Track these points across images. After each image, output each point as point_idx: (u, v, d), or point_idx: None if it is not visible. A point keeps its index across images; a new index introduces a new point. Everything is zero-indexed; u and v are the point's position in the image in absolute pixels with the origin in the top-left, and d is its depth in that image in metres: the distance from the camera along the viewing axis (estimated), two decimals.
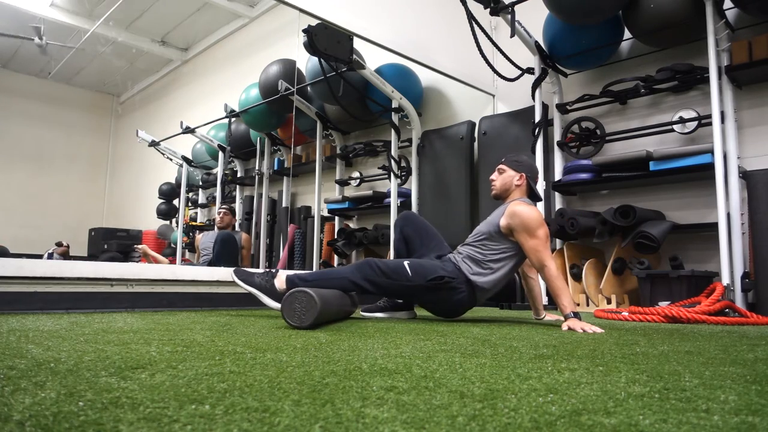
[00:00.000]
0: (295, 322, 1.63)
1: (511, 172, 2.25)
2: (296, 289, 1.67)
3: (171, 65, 9.28)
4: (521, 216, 2.07)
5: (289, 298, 1.65)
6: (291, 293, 1.66)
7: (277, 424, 0.54)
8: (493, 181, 2.29)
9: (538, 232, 2.05)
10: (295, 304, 1.63)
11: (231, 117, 6.31)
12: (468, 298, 2.15)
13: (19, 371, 0.80)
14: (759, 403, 0.69)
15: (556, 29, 3.64)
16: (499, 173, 2.28)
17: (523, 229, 2.06)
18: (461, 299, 2.14)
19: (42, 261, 2.14)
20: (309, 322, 1.61)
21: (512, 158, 2.29)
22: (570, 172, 3.59)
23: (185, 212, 7.51)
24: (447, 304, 2.19)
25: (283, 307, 1.65)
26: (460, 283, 2.13)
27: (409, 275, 2.09)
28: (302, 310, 1.63)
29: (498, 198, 2.29)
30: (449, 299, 2.14)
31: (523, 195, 2.24)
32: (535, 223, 2.05)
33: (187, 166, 7.42)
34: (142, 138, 7.52)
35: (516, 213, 2.09)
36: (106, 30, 7.81)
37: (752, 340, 1.58)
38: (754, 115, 3.18)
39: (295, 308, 1.63)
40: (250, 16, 7.45)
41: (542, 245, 2.04)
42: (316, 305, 1.61)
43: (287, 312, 1.64)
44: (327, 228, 5.45)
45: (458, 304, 2.17)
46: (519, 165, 2.26)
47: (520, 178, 2.23)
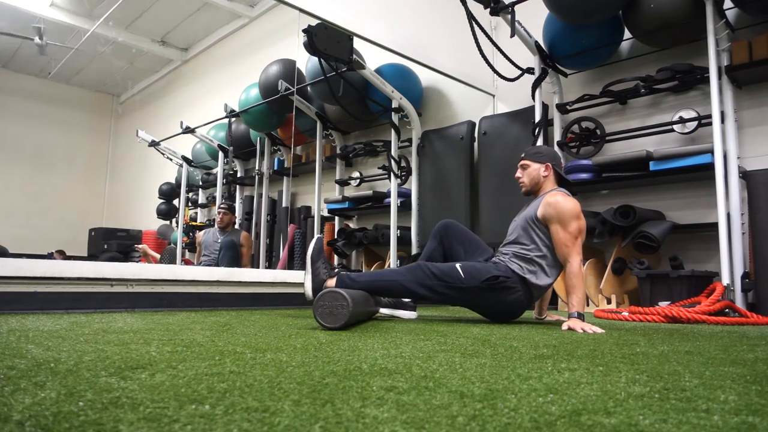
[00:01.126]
0: (327, 323, 1.61)
1: (536, 165, 2.21)
2: (329, 290, 1.64)
3: (171, 65, 9.28)
4: (557, 206, 2.04)
5: (321, 299, 1.62)
6: (323, 294, 1.63)
7: (277, 424, 0.54)
8: (520, 179, 2.25)
9: (570, 225, 2.02)
10: (327, 303, 1.61)
11: (231, 117, 6.31)
12: (525, 297, 2.10)
13: (19, 371, 0.80)
14: (759, 403, 0.69)
15: (556, 29, 3.64)
16: (523, 169, 2.24)
17: (558, 219, 2.03)
18: (518, 299, 2.09)
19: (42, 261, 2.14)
20: (340, 324, 1.60)
21: (532, 151, 2.26)
22: (570, 172, 3.58)
23: (185, 212, 7.50)
24: (504, 306, 2.12)
25: (315, 308, 1.63)
26: (515, 282, 2.08)
27: (462, 277, 2.05)
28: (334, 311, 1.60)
29: (529, 194, 2.25)
30: (506, 300, 2.09)
31: (555, 184, 2.21)
32: (570, 215, 2.02)
33: (187, 166, 7.42)
34: (142, 138, 7.52)
35: (553, 203, 2.06)
36: (106, 30, 7.81)
37: (752, 340, 1.58)
38: (754, 115, 3.18)
39: (327, 309, 1.61)
40: (250, 16, 7.45)
41: (571, 240, 2.01)
42: (348, 308, 1.59)
43: (319, 313, 1.62)
44: (327, 228, 5.45)
45: (516, 305, 2.11)
46: (541, 156, 2.22)
47: (546, 169, 2.21)
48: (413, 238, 4.47)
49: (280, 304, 2.84)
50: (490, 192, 4.03)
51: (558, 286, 3.25)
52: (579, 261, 2.01)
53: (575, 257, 2.00)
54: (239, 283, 2.73)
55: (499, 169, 3.95)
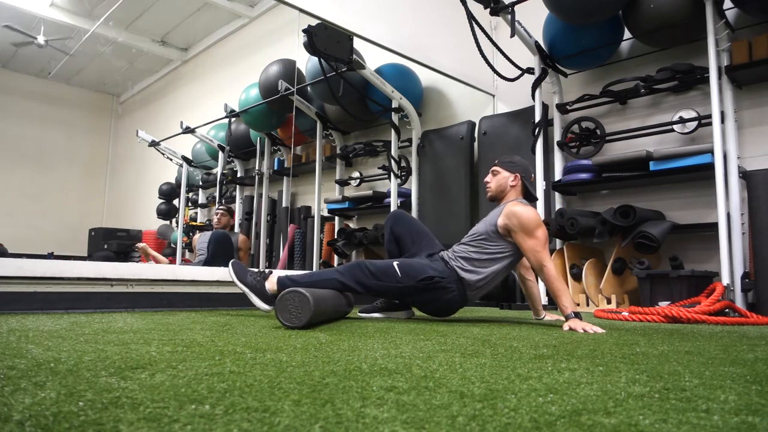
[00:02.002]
0: (289, 322, 1.63)
1: (506, 173, 2.24)
2: (290, 289, 1.67)
3: (171, 65, 9.28)
4: (519, 216, 2.07)
5: (282, 299, 1.65)
6: (284, 293, 1.66)
7: (277, 424, 0.54)
8: (488, 183, 2.28)
9: (536, 232, 2.05)
10: (288, 304, 1.64)
11: (231, 117, 6.31)
12: (459, 296, 2.15)
13: (19, 371, 0.80)
14: (759, 403, 0.69)
15: (556, 29, 3.64)
16: (493, 175, 2.28)
17: (521, 229, 2.06)
18: (452, 298, 2.14)
19: (42, 261, 2.14)
20: (303, 322, 1.61)
21: (506, 159, 2.29)
22: (570, 172, 3.58)
23: (185, 212, 7.50)
24: (438, 304, 2.19)
25: (277, 307, 1.65)
26: (451, 282, 2.12)
27: (399, 276, 2.09)
28: (296, 309, 1.62)
29: (493, 200, 2.29)
30: (440, 299, 2.14)
31: (519, 195, 2.24)
32: (533, 224, 2.05)
33: (187, 166, 7.42)
34: (142, 138, 7.52)
35: (514, 213, 2.09)
36: (106, 30, 7.81)
37: (752, 340, 1.58)
38: (754, 115, 3.18)
39: (289, 308, 1.63)
40: (250, 16, 7.45)
41: (540, 246, 2.04)
42: (309, 305, 1.61)
43: (281, 312, 1.64)
44: (327, 228, 5.45)
45: (450, 303, 2.17)
46: (513, 165, 2.25)
47: (515, 179, 2.23)
48: None
49: None
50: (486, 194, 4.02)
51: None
52: (552, 265, 2.04)
53: (548, 261, 2.03)
54: None
55: None
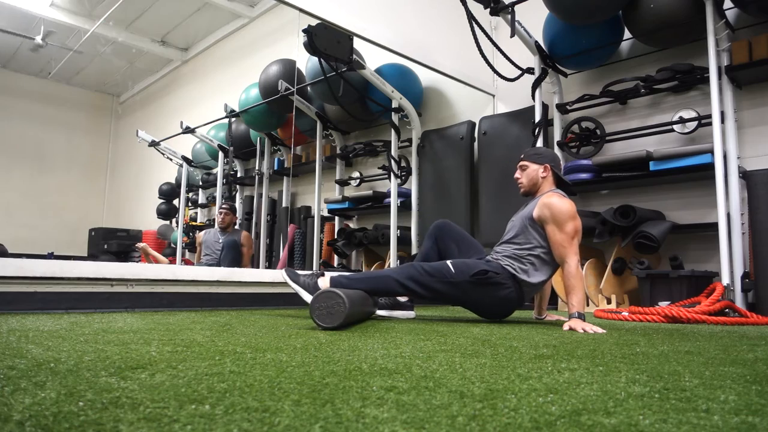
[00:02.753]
0: (323, 323, 1.61)
1: (535, 166, 2.22)
2: (325, 290, 1.65)
3: (171, 65, 9.28)
4: (552, 208, 2.06)
5: (318, 299, 1.62)
6: (320, 294, 1.63)
7: (277, 424, 0.54)
8: (519, 179, 2.26)
9: (566, 226, 2.03)
10: (323, 304, 1.61)
11: (231, 117, 6.31)
12: (516, 294, 2.12)
13: (19, 371, 0.80)
14: (759, 403, 0.69)
15: (556, 29, 3.64)
16: (522, 170, 2.26)
17: (553, 221, 2.05)
18: (508, 295, 2.11)
19: (42, 261, 2.14)
20: (337, 323, 1.59)
21: (531, 152, 2.27)
22: (570, 172, 3.58)
23: (185, 212, 7.51)
24: (494, 301, 2.14)
25: (311, 308, 1.63)
26: (506, 278, 2.10)
27: (452, 272, 2.08)
28: (331, 310, 1.60)
29: (527, 195, 2.27)
30: (496, 295, 2.11)
31: (553, 185, 2.23)
32: (565, 216, 2.03)
33: (187, 166, 7.42)
34: (142, 138, 7.52)
35: (548, 204, 2.07)
36: (106, 30, 7.81)
37: (752, 340, 1.58)
38: (754, 115, 3.18)
39: (324, 309, 1.61)
40: (250, 16, 7.45)
41: (568, 241, 2.02)
42: (345, 306, 1.59)
43: (316, 313, 1.62)
44: (327, 228, 5.45)
45: (506, 301, 2.13)
46: (540, 157, 2.24)
47: (545, 170, 2.22)
48: (413, 238, 4.47)
49: (280, 304, 2.84)
50: (490, 192, 4.03)
51: (558, 286, 3.25)
52: (576, 261, 2.02)
53: (572, 258, 2.01)
54: (239, 283, 2.73)
55: (499, 169, 3.95)
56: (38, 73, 9.56)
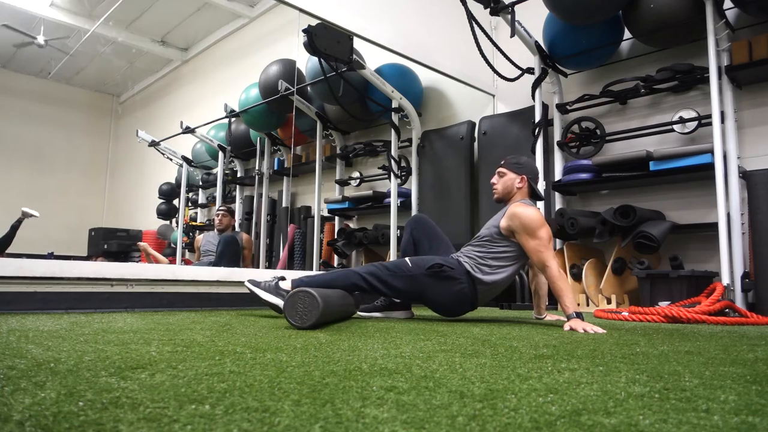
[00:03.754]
0: (297, 322, 1.62)
1: (512, 175, 2.24)
2: (298, 289, 1.66)
3: (171, 65, 9.28)
4: (521, 217, 2.07)
5: (291, 298, 1.64)
6: (293, 293, 1.65)
7: (277, 424, 0.54)
8: (495, 185, 2.28)
9: (539, 232, 2.05)
10: (297, 304, 1.63)
11: (231, 117, 6.31)
12: (469, 290, 2.14)
13: (19, 371, 0.80)
14: (759, 403, 0.69)
15: (556, 29, 3.64)
16: (499, 176, 2.27)
17: (524, 230, 2.07)
18: (462, 290, 2.13)
19: (42, 261, 2.14)
20: (311, 322, 1.61)
21: (512, 160, 2.28)
22: (570, 172, 3.58)
23: (185, 212, 7.50)
24: (448, 296, 2.15)
25: (285, 307, 1.64)
26: (460, 274, 2.13)
27: (409, 266, 2.13)
28: (305, 309, 1.62)
29: (500, 201, 2.29)
30: (450, 290, 2.13)
31: (525, 197, 2.24)
32: (535, 224, 2.06)
33: (187, 166, 7.42)
34: (142, 138, 7.52)
35: (516, 214, 2.09)
36: (106, 30, 7.81)
37: (752, 340, 1.58)
38: (754, 115, 3.18)
39: (297, 308, 1.62)
40: (250, 16, 7.45)
41: (543, 246, 2.04)
42: (318, 305, 1.60)
43: (290, 312, 1.63)
44: (327, 228, 5.45)
45: (459, 296, 2.14)
46: (520, 167, 2.25)
47: (521, 181, 2.23)
48: None
49: None
50: (490, 192, 4.00)
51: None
52: (556, 264, 2.04)
53: (552, 261, 2.03)
54: (239, 283, 2.72)
55: None
56: (38, 73, 9.55)
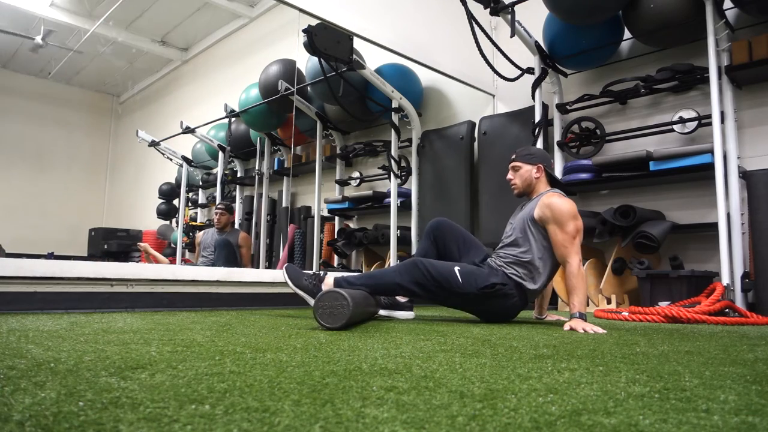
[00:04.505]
0: (327, 324, 1.61)
1: (528, 167, 2.21)
2: (329, 290, 1.65)
3: (171, 65, 9.28)
4: (554, 208, 2.05)
5: (322, 300, 1.63)
6: (323, 294, 1.64)
7: (277, 424, 0.54)
8: (512, 180, 2.24)
9: (568, 225, 2.03)
10: (327, 305, 1.61)
11: (231, 117, 6.31)
12: (521, 301, 2.13)
13: (19, 371, 0.80)
14: (759, 403, 0.69)
15: (556, 29, 3.64)
16: (514, 171, 2.24)
17: (554, 221, 2.04)
18: (514, 304, 2.12)
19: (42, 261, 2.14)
20: (341, 324, 1.60)
21: (524, 152, 2.25)
22: (570, 172, 3.58)
23: (185, 212, 7.51)
24: (500, 310, 2.15)
25: (315, 309, 1.64)
26: (512, 288, 2.10)
27: (460, 283, 2.05)
28: (336, 311, 1.61)
29: (521, 196, 2.25)
30: (502, 305, 2.12)
31: (547, 185, 2.22)
32: (567, 216, 2.03)
33: (187, 166, 7.42)
34: (142, 138, 7.52)
35: (549, 204, 2.07)
36: (106, 30, 7.81)
37: (752, 340, 1.58)
38: (754, 115, 3.18)
39: (328, 310, 1.61)
40: (250, 16, 7.44)
41: (569, 240, 2.02)
42: (349, 307, 1.59)
43: (320, 313, 1.62)
44: (327, 228, 5.45)
45: (512, 309, 2.15)
46: (533, 157, 2.22)
47: (538, 170, 2.21)
48: (413, 238, 4.47)
49: (280, 304, 2.84)
50: (490, 192, 4.03)
51: (558, 286, 3.25)
52: (578, 261, 2.01)
53: (574, 257, 2.01)
54: (239, 283, 2.73)
55: (499, 169, 3.94)
56: (38, 73, 9.55)
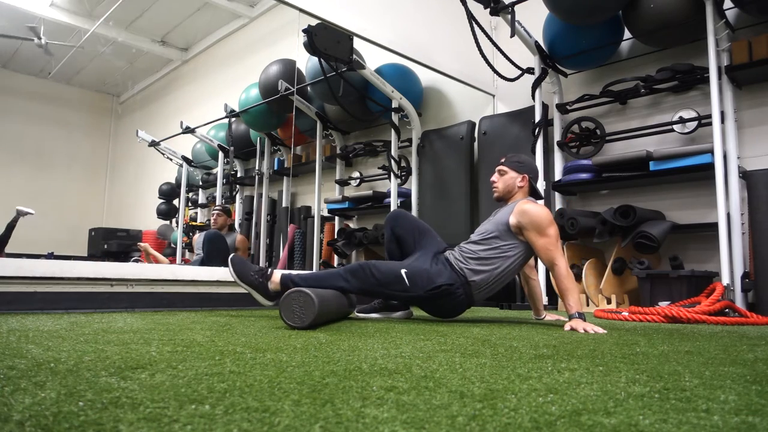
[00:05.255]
0: (293, 322, 1.63)
1: (513, 174, 2.22)
2: (295, 289, 1.67)
3: (171, 65, 9.28)
4: (530, 214, 2.06)
5: (287, 299, 1.65)
6: (289, 293, 1.65)
7: (277, 424, 0.54)
8: (495, 183, 2.25)
9: (548, 230, 2.04)
10: (293, 304, 1.63)
11: (231, 117, 6.31)
12: (466, 299, 2.14)
13: (19, 371, 0.80)
14: (759, 403, 0.69)
15: (556, 29, 3.64)
16: (500, 174, 2.25)
17: (533, 227, 2.05)
18: (460, 302, 2.14)
19: (42, 261, 2.14)
20: (308, 322, 1.61)
21: (513, 159, 2.26)
22: (570, 172, 3.58)
23: (185, 212, 7.51)
24: (445, 308, 2.20)
25: (281, 308, 1.65)
26: (458, 287, 2.10)
27: (407, 285, 2.05)
28: (301, 310, 1.62)
29: (500, 200, 2.26)
30: (447, 304, 2.15)
31: (526, 196, 2.22)
32: (545, 222, 2.04)
33: (187, 166, 7.42)
34: (142, 138, 7.53)
35: (525, 211, 2.07)
36: (106, 30, 7.81)
37: (752, 340, 1.58)
38: (754, 115, 3.18)
39: (293, 308, 1.63)
40: (250, 16, 7.44)
41: (553, 243, 2.03)
42: (314, 306, 1.61)
43: (285, 312, 1.64)
44: (327, 228, 5.45)
45: (457, 307, 2.18)
46: (521, 166, 2.23)
47: (523, 180, 2.21)
48: None
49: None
50: (490, 192, 4.01)
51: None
52: (565, 262, 2.03)
53: (560, 259, 2.02)
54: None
55: None
56: (38, 73, 9.55)
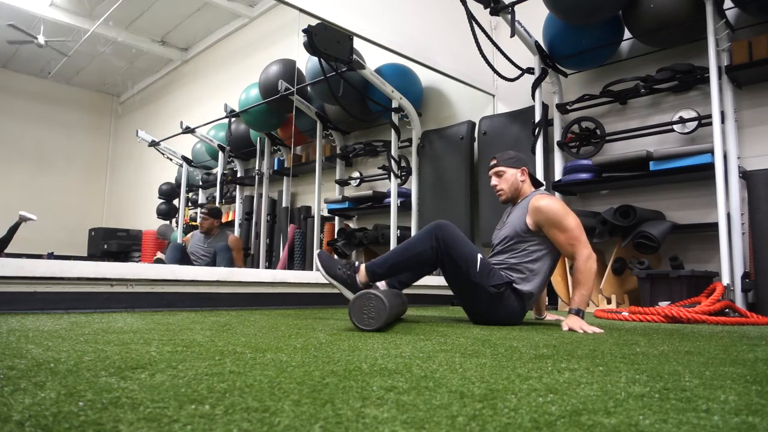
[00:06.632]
0: (363, 325, 1.62)
1: (512, 170, 2.17)
2: (365, 292, 1.64)
3: (171, 65, 9.28)
4: (545, 211, 2.00)
5: (358, 302, 1.63)
6: (360, 296, 1.64)
7: (277, 424, 0.54)
8: (497, 187, 2.19)
9: (566, 223, 1.97)
10: (363, 307, 1.63)
11: (231, 117, 6.31)
12: (520, 307, 2.05)
13: (19, 371, 0.80)
14: (759, 403, 0.69)
15: (556, 29, 3.64)
16: (498, 176, 2.19)
17: (552, 224, 2.00)
18: (515, 309, 2.03)
19: (42, 261, 2.14)
20: (377, 326, 1.61)
21: (505, 157, 2.21)
22: (570, 172, 3.58)
23: (185, 212, 7.51)
24: (500, 315, 2.04)
25: (351, 311, 1.64)
26: (511, 293, 2.02)
27: (476, 270, 1.94)
28: (372, 313, 1.62)
29: (508, 202, 2.21)
30: (504, 310, 2.02)
31: (531, 187, 2.19)
32: (561, 214, 1.99)
33: (187, 166, 7.42)
34: (142, 138, 7.53)
35: (539, 209, 2.01)
36: (106, 30, 7.81)
37: (752, 340, 1.58)
38: (754, 115, 3.18)
39: (364, 311, 1.63)
40: (250, 16, 7.45)
41: (574, 237, 1.96)
42: (386, 309, 1.60)
43: (356, 315, 1.63)
44: (327, 228, 5.45)
45: (512, 314, 2.04)
46: (516, 161, 2.19)
47: (523, 173, 2.18)
48: None
49: (280, 304, 2.84)
50: (490, 192, 3.98)
51: (558, 286, 3.25)
52: (587, 254, 1.94)
53: (582, 251, 1.95)
54: (239, 283, 2.73)
55: None
56: (38, 73, 9.56)
